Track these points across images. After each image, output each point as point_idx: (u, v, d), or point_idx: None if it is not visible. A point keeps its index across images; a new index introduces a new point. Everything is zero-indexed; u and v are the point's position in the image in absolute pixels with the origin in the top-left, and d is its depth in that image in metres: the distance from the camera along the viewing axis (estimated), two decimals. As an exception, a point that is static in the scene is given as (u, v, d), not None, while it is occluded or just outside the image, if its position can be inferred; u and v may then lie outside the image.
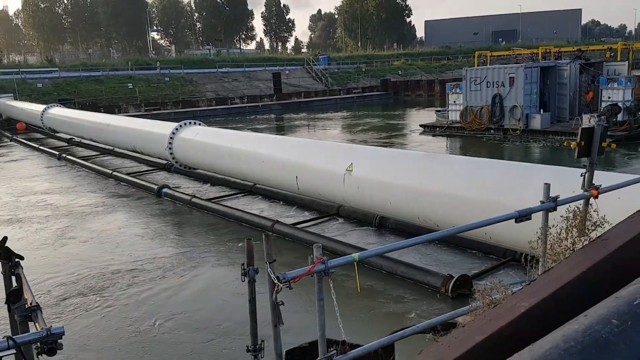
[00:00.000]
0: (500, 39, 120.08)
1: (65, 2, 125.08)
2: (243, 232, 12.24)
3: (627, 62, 28.32)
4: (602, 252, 2.78)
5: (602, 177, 5.50)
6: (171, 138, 16.80)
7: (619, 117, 23.40)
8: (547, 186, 4.78)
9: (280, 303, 3.37)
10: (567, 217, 4.18)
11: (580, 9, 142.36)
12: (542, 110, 25.90)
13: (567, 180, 6.57)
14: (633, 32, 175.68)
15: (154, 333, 7.71)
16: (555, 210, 4.72)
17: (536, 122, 25.34)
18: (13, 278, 3.43)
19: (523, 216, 4.40)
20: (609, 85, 25.28)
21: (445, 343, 2.43)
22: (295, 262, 9.23)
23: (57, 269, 10.41)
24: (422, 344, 6.25)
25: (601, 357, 1.83)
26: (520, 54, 35.19)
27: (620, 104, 23.81)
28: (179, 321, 8.05)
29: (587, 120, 22.85)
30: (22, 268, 3.47)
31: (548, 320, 2.45)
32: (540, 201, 4.73)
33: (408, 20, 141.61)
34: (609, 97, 25.05)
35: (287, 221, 12.62)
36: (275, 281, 3.29)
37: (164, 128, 17.93)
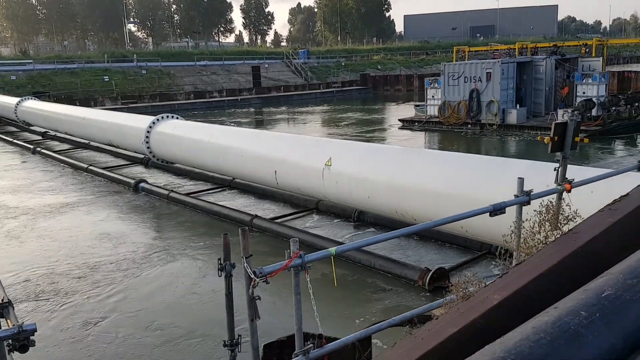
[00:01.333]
0: (478, 35, 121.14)
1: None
2: (222, 227, 12.17)
3: (601, 58, 28.80)
4: (572, 245, 2.83)
5: (575, 172, 5.61)
6: (148, 132, 16.60)
7: (593, 112, 23.84)
8: (521, 180, 4.86)
9: (256, 298, 3.38)
10: (540, 211, 4.25)
11: (557, 5, 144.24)
12: (518, 105, 26.24)
13: (541, 175, 6.68)
14: (608, 29, 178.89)
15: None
16: (529, 204, 4.80)
17: (512, 117, 25.67)
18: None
19: (497, 210, 4.46)
20: (584, 81, 25.72)
21: (419, 335, 2.46)
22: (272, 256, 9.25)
23: (25, 265, 10.24)
24: (400, 336, 6.32)
25: (570, 349, 1.87)
26: (498, 50, 35.53)
27: (594, 99, 24.25)
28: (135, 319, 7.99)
29: (562, 115, 23.23)
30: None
31: (520, 312, 2.50)
32: (515, 195, 4.81)
33: (387, 14, 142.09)
34: (584, 93, 25.48)
35: (266, 216, 12.60)
36: (252, 276, 3.29)
37: (140, 122, 17.71)
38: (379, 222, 11.59)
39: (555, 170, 5.35)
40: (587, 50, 30.92)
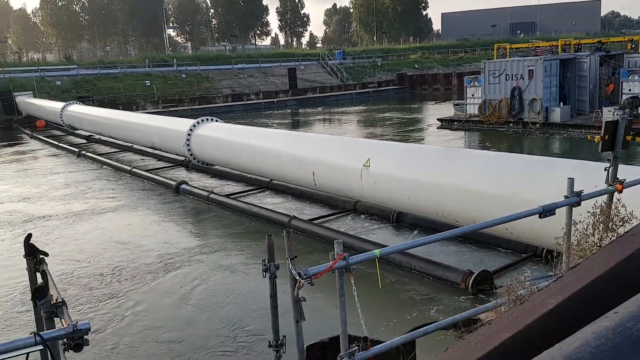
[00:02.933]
0: (518, 31, 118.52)
1: (83, 0, 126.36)
2: (260, 227, 12.27)
3: (648, 54, 27.79)
4: (629, 248, 2.72)
5: (624, 171, 5.40)
6: (189, 135, 16.90)
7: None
8: (571, 181, 4.70)
9: (302, 299, 3.37)
10: (593, 212, 4.10)
11: (600, 0, 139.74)
12: (561, 103, 25.55)
13: (589, 175, 6.47)
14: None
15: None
16: (580, 205, 4.65)
17: (556, 115, 25.01)
18: (38, 275, 3.47)
19: (547, 211, 4.33)
20: (630, 78, 24.83)
21: (472, 340, 2.40)
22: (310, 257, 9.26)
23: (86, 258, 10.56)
24: (443, 340, 6.22)
25: (633, 355, 1.79)
26: (539, 47, 34.67)
27: (641, 96, 23.36)
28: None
29: (613, 114, 22.48)
30: (47, 264, 3.51)
31: (576, 317, 2.41)
32: (564, 196, 4.66)
33: (424, 13, 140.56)
34: (630, 90, 24.59)
35: (304, 217, 12.63)
36: (297, 277, 3.29)
37: (181, 125, 18.03)
38: (418, 224, 11.46)
39: (605, 170, 5.17)
40: (633, 45, 29.85)
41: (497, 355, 2.28)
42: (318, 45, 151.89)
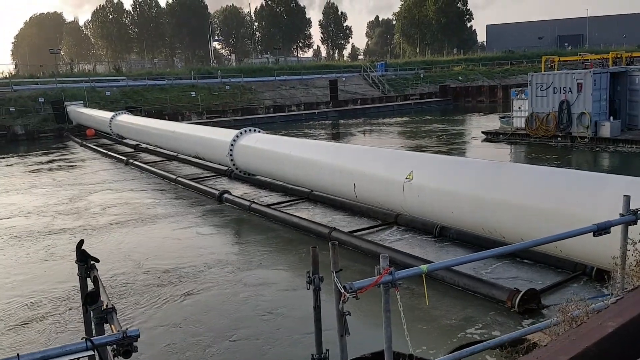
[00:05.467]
0: (566, 44, 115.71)
1: (132, 13, 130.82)
2: (300, 238, 12.29)
3: None
4: (698, 271, 2.57)
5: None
6: (232, 145, 17.15)
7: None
8: (627, 198, 4.52)
9: (346, 313, 3.33)
10: (654, 231, 3.90)
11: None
12: (612, 118, 24.70)
13: (644, 192, 6.20)
14: None
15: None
16: (636, 223, 4.45)
17: (605, 130, 24.18)
18: (89, 280, 3.55)
19: (602, 229, 4.17)
20: (685, 92, 23.82)
21: (526, 363, 2.31)
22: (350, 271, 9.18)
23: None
24: (486, 359, 6.03)
25: None
26: (589, 59, 33.73)
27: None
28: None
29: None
30: (98, 270, 3.59)
31: (638, 341, 2.29)
32: (620, 214, 4.47)
33: (469, 24, 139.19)
34: (685, 104, 23.60)
35: (345, 228, 12.58)
36: (342, 291, 3.25)
37: (225, 135, 18.32)
38: (461, 238, 11.23)
39: (664, 187, 4.95)
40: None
41: (553, 380, 2.18)
42: (360, 57, 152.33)
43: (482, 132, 30.20)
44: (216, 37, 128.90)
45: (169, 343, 7.66)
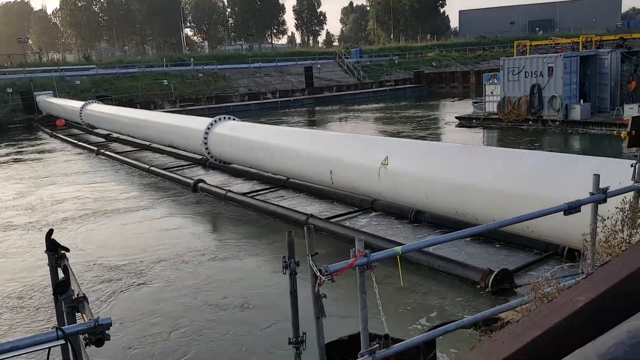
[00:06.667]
0: (537, 29, 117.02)
1: (102, 0, 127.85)
2: (277, 226, 12.27)
3: (672, 50, 27.16)
4: (663, 245, 2.63)
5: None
6: (206, 133, 16.96)
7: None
8: (597, 177, 4.61)
9: (322, 296, 3.33)
10: (622, 208, 3.99)
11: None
12: (582, 101, 25.15)
13: (612, 172, 6.33)
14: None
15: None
16: (606, 202, 4.55)
17: (576, 113, 24.62)
18: (59, 270, 3.48)
19: (572, 208, 4.24)
20: (653, 74, 24.37)
21: (499, 338, 2.34)
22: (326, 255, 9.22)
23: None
24: (461, 338, 6.13)
25: (673, 355, 1.72)
26: (559, 43, 34.12)
27: (665, 93, 22.93)
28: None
29: (629, 111, 22.08)
30: (68, 260, 3.52)
31: (608, 315, 2.34)
32: (590, 193, 4.56)
33: (442, 10, 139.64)
34: (653, 86, 24.15)
35: (322, 215, 12.59)
36: (318, 274, 3.25)
37: (199, 123, 18.11)
38: (437, 222, 11.35)
39: (632, 166, 5.06)
40: (656, 41, 29.24)
41: (525, 354, 2.22)
42: (335, 43, 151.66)
43: (456, 117, 30.47)
44: (188, 24, 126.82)
45: (145, 331, 7.61)
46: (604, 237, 3.86)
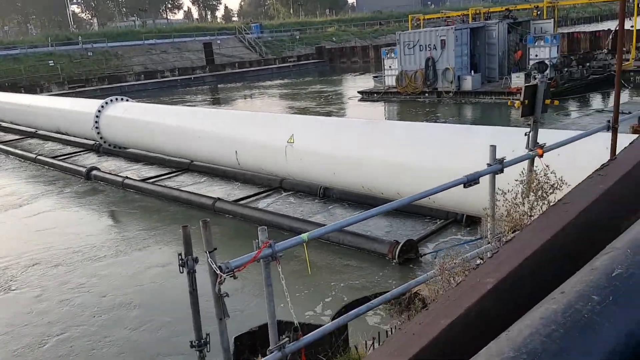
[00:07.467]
0: (429, 2, 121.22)
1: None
2: (183, 212, 11.74)
3: (552, 20, 29.07)
4: (564, 218, 2.62)
5: (544, 136, 5.45)
6: (97, 116, 15.83)
7: (546, 74, 24.09)
8: (493, 148, 4.67)
9: (224, 295, 3.08)
10: (522, 180, 4.06)
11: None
12: (473, 72, 26.28)
13: (506, 141, 6.55)
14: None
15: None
16: (502, 172, 4.63)
17: (467, 84, 25.69)
18: None
19: (471, 181, 4.27)
20: (536, 44, 25.94)
21: (410, 330, 2.21)
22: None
23: None
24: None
25: (586, 341, 1.65)
26: (450, 16, 35.44)
27: (547, 62, 24.52)
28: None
29: (516, 79, 23.42)
30: None
31: (517, 296, 2.28)
32: (487, 164, 4.62)
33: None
34: (536, 55, 25.74)
35: (229, 197, 12.22)
36: (218, 272, 2.98)
37: (89, 106, 16.88)
38: (345, 198, 11.38)
39: (525, 135, 5.19)
40: (538, 12, 31.18)
41: (437, 344, 2.10)
42: (234, 18, 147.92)
43: (358, 92, 30.84)
44: (74, 1, 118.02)
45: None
46: (505, 210, 3.90)
